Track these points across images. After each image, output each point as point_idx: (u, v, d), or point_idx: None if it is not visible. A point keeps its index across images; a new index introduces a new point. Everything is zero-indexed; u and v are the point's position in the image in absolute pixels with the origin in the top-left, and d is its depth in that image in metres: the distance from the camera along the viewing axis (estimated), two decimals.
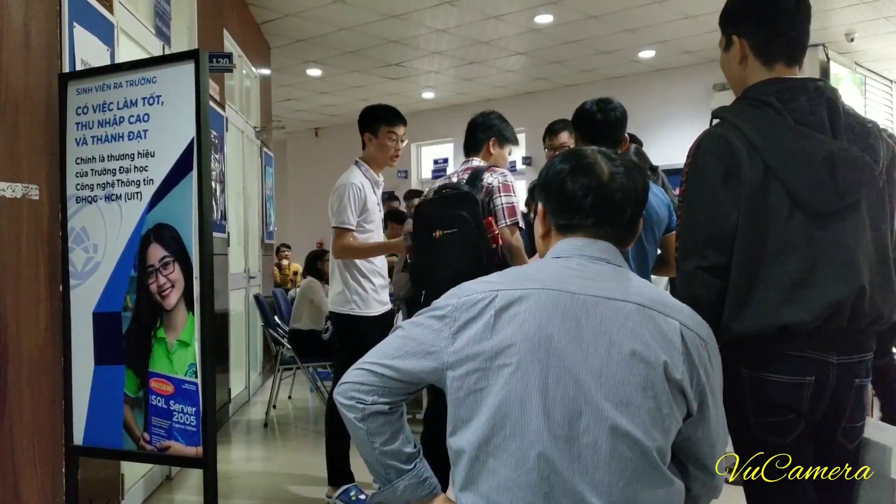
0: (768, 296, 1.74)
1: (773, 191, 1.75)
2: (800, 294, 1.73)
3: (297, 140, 13.79)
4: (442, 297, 1.56)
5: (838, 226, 1.76)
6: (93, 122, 2.93)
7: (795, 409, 1.77)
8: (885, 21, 7.52)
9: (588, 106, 2.94)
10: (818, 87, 1.82)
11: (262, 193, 7.95)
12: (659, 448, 1.41)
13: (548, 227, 1.63)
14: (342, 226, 3.80)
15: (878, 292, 1.79)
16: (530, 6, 7.19)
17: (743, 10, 1.91)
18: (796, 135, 1.76)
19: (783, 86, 1.82)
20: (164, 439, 2.84)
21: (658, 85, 9.52)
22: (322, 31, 7.89)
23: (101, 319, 2.93)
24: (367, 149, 4.04)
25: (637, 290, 1.49)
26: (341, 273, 3.93)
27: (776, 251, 1.75)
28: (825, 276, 1.74)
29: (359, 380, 1.56)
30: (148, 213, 2.83)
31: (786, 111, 1.78)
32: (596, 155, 1.59)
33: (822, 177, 1.73)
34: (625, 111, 2.96)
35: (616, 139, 2.90)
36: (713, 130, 1.85)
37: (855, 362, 1.80)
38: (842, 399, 1.79)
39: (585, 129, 2.95)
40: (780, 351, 1.76)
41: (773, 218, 1.75)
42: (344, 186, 3.85)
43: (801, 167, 1.74)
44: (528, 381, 1.41)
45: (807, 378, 1.75)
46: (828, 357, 1.76)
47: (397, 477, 1.58)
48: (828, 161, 1.73)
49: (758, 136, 1.77)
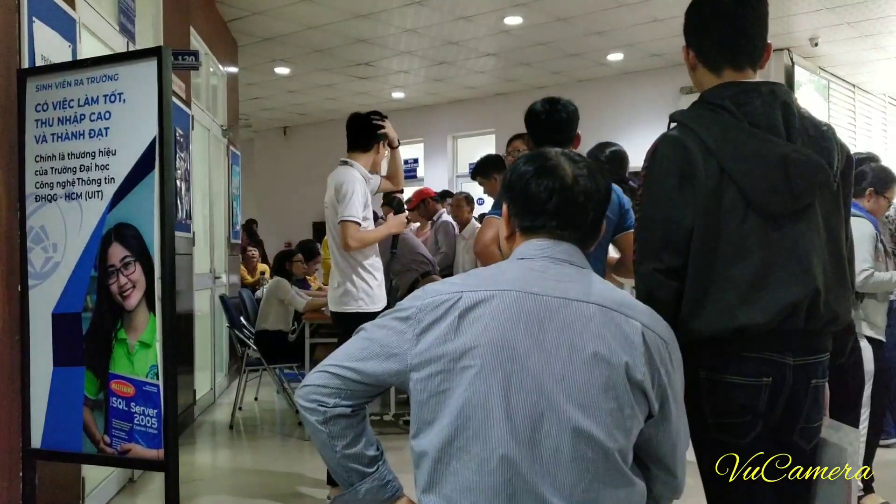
0: (724, 297, 1.76)
1: (728, 193, 1.78)
2: (756, 296, 1.75)
3: (265, 139, 13.70)
4: (406, 299, 1.56)
5: (792, 228, 1.78)
6: (53, 119, 2.88)
7: (753, 411, 1.79)
8: (849, 26, 7.65)
9: (536, 106, 2.93)
10: (773, 90, 1.85)
11: (228, 193, 7.87)
12: (621, 449, 1.41)
13: (512, 228, 1.63)
14: (353, 218, 3.83)
15: (833, 293, 1.81)
16: (499, 7, 7.20)
17: (688, 21, 1.97)
18: (751, 137, 1.78)
19: (739, 89, 1.85)
20: (124, 442, 2.80)
21: (626, 88, 9.58)
22: (290, 30, 7.84)
23: (60, 320, 2.87)
24: (369, 152, 4.10)
25: (599, 292, 1.49)
26: (344, 271, 3.94)
27: (731, 253, 1.77)
28: (780, 278, 1.76)
29: (320, 382, 1.54)
30: (109, 213, 2.78)
31: (741, 114, 1.81)
32: (559, 157, 1.59)
33: (776, 179, 1.76)
34: (574, 111, 2.92)
35: (563, 140, 2.84)
36: (669, 135, 1.88)
37: (811, 363, 1.83)
38: (799, 400, 1.82)
39: (532, 129, 2.94)
40: (736, 353, 1.78)
41: (728, 220, 1.78)
42: (352, 181, 3.89)
43: (755, 169, 1.76)
44: (491, 383, 1.41)
45: (764, 379, 1.77)
46: (784, 358, 1.78)
47: (359, 480, 1.57)
48: (782, 163, 1.76)
49: (713, 140, 1.79)
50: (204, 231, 6.85)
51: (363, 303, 3.90)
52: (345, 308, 3.92)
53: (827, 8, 7.12)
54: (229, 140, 7.95)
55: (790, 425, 1.83)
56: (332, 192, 3.97)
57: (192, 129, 6.12)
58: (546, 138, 2.77)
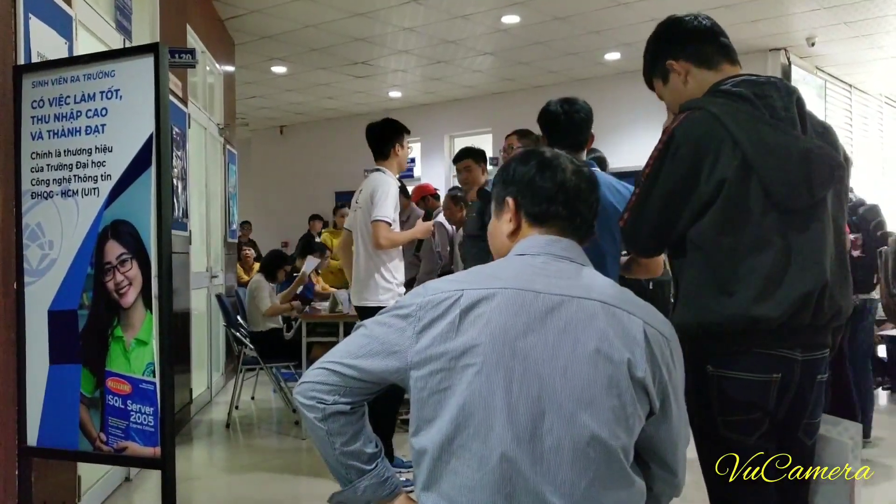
0: (742, 291, 1.75)
1: (751, 185, 1.76)
2: (771, 289, 1.74)
3: (262, 138, 13.66)
4: (406, 296, 1.55)
5: (808, 222, 1.78)
6: (49, 116, 2.86)
7: (762, 407, 1.78)
8: (845, 26, 7.65)
9: (552, 107, 2.91)
10: (787, 84, 1.85)
11: (225, 191, 7.85)
12: (623, 447, 1.41)
13: (518, 221, 1.61)
14: (387, 219, 4.14)
15: (837, 287, 1.82)
16: (497, 6, 7.19)
17: (670, 37, 2.02)
18: (776, 130, 1.77)
19: (756, 81, 1.83)
20: (120, 440, 2.78)
21: (623, 87, 9.56)
22: (287, 28, 7.82)
23: (56, 317, 2.86)
24: (391, 158, 4.39)
25: (601, 289, 1.49)
26: (368, 269, 4.22)
27: (752, 246, 1.76)
28: (796, 272, 1.75)
29: (319, 379, 1.54)
30: (105, 210, 2.77)
31: (762, 106, 1.79)
32: (555, 153, 1.63)
33: (798, 174, 1.75)
34: (590, 111, 2.91)
35: (580, 140, 2.86)
36: (692, 119, 1.83)
37: (817, 358, 1.83)
38: (805, 395, 1.81)
39: (549, 130, 2.93)
40: (747, 348, 1.77)
41: (749, 212, 1.76)
42: (389, 185, 4.23)
43: (779, 163, 1.75)
44: (493, 381, 1.40)
45: (773, 375, 1.77)
46: (793, 354, 1.78)
47: (358, 477, 1.56)
48: (804, 158, 1.75)
49: (737, 129, 1.77)
50: (201, 230, 6.84)
51: (384, 298, 4.14)
52: (366, 302, 4.19)
53: (824, 7, 7.12)
54: (226, 139, 7.93)
55: (795, 421, 1.83)
56: (367, 194, 4.24)
57: (189, 127, 6.11)
58: (564, 139, 2.76)
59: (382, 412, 4.04)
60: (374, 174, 4.34)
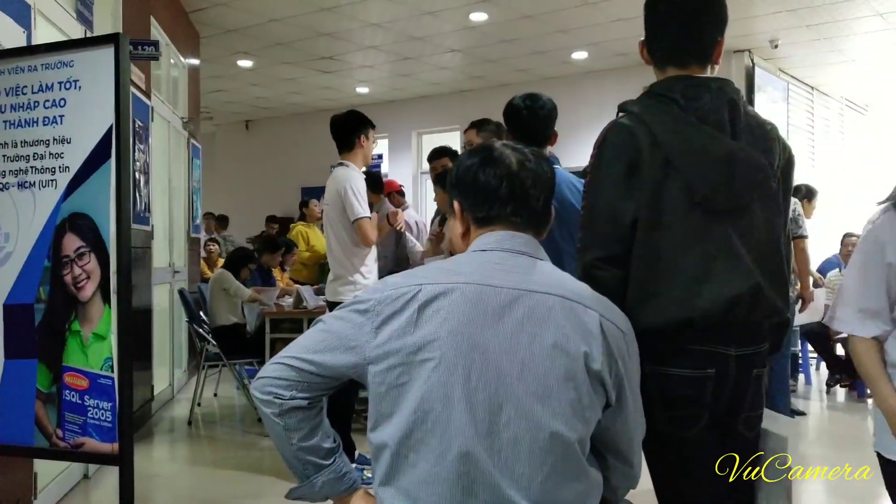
0: (670, 290, 1.77)
1: (674, 186, 1.79)
2: (699, 289, 1.77)
3: (227, 132, 13.52)
4: (365, 291, 1.55)
5: (732, 223, 1.81)
6: (5, 105, 2.80)
7: (699, 402, 1.80)
8: (807, 29, 7.76)
9: (516, 101, 2.93)
10: (721, 87, 1.86)
11: (188, 186, 7.77)
12: (580, 439, 1.42)
13: (466, 223, 1.62)
14: (367, 215, 4.19)
15: (772, 287, 1.84)
16: (465, 4, 7.19)
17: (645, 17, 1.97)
18: (699, 132, 1.80)
19: (689, 83, 1.86)
20: (78, 436, 2.74)
21: (590, 86, 9.63)
22: (253, 22, 7.75)
23: (12, 311, 2.80)
24: (355, 149, 4.35)
25: (558, 283, 1.50)
26: (343, 265, 4.22)
27: (676, 246, 1.79)
28: (722, 272, 1.78)
29: (277, 374, 1.53)
30: (63, 202, 2.72)
31: (690, 108, 1.82)
32: (502, 147, 1.61)
33: (721, 176, 1.78)
34: (553, 108, 2.93)
35: (544, 136, 2.88)
36: (619, 122, 1.88)
37: (752, 353, 1.86)
38: (743, 390, 1.85)
39: (512, 125, 2.94)
40: (681, 346, 1.79)
41: (673, 213, 1.79)
42: (355, 179, 4.22)
43: (701, 165, 1.78)
44: (451, 375, 1.40)
45: (708, 371, 1.79)
46: (728, 350, 1.81)
47: (315, 472, 1.56)
48: (727, 161, 1.78)
49: (661, 131, 1.80)
50: (163, 225, 6.75)
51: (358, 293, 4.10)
52: (340, 297, 4.16)
53: (787, 10, 7.22)
54: (190, 133, 7.84)
55: (735, 415, 1.86)
56: (334, 191, 4.24)
57: (152, 120, 6.03)
58: (525, 134, 2.76)
59: (341, 406, 4.03)
60: (338, 169, 4.33)
